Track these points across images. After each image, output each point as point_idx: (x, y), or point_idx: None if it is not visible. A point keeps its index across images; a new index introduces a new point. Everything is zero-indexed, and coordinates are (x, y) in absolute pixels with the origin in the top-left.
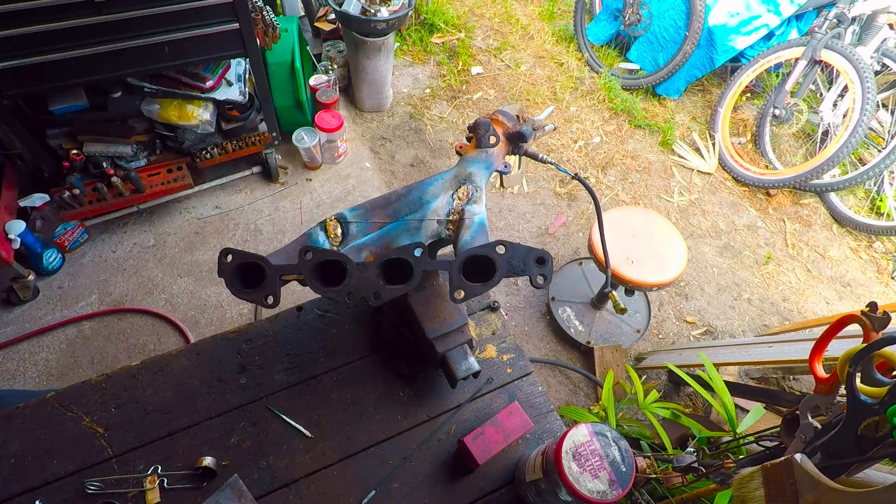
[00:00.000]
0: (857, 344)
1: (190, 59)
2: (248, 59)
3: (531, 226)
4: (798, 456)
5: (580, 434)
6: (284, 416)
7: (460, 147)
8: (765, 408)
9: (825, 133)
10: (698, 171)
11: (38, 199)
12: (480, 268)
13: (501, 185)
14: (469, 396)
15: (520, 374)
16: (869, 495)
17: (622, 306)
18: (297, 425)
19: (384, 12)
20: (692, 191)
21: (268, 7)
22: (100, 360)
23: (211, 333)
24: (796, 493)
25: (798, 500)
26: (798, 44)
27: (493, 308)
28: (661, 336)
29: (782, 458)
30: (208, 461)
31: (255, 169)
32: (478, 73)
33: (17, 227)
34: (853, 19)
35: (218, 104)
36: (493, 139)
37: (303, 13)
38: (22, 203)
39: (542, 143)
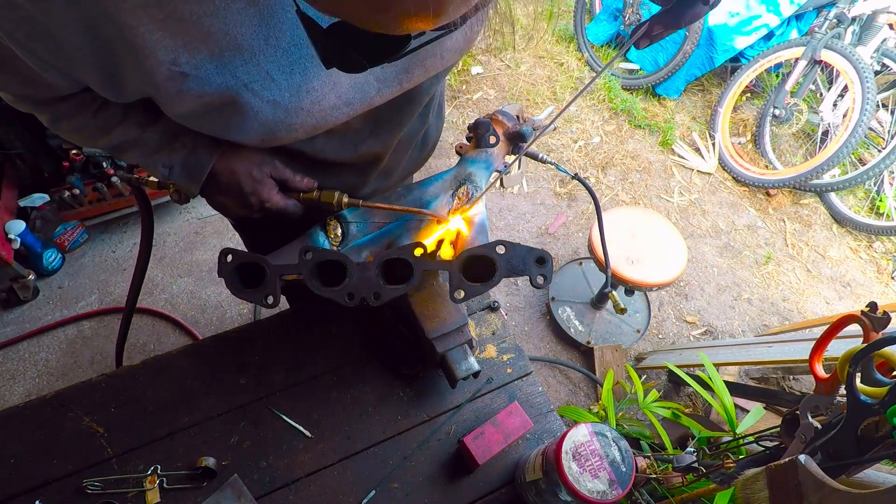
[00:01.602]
0: (858, 344)
1: None
2: None
3: (531, 226)
4: (802, 457)
5: (580, 434)
6: (284, 416)
7: (460, 147)
8: (765, 408)
9: (825, 133)
10: (698, 171)
11: (38, 199)
12: (480, 268)
13: (501, 184)
14: (469, 396)
15: (520, 374)
16: (872, 496)
17: (622, 306)
18: (297, 425)
19: None
20: (692, 191)
21: None
22: (100, 360)
23: (211, 333)
24: (801, 494)
25: (802, 501)
26: (798, 44)
27: (493, 308)
28: (661, 336)
29: (786, 460)
30: (208, 461)
31: None
32: (478, 73)
33: (17, 227)
34: (853, 19)
35: None
36: (493, 139)
37: None
38: (22, 203)
39: (542, 142)
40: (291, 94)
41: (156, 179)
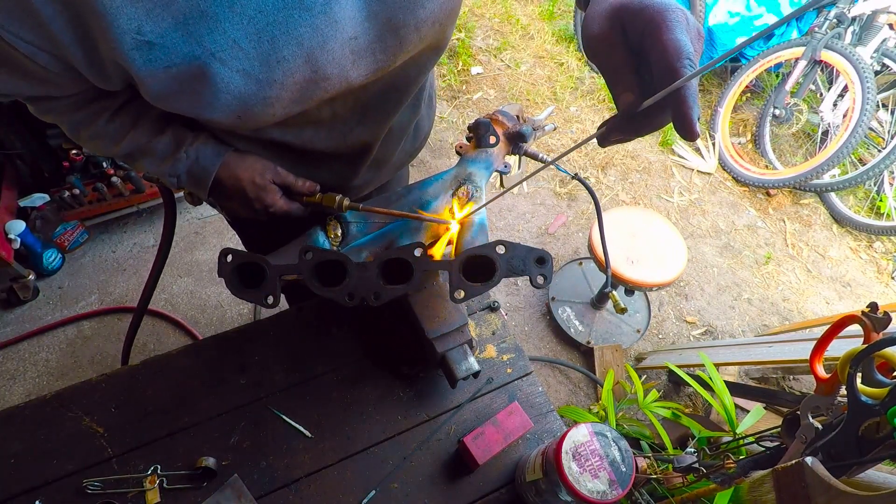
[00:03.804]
0: (858, 344)
1: None
2: None
3: (531, 226)
4: (809, 459)
5: (580, 434)
6: (284, 416)
7: (460, 147)
8: (765, 408)
9: (825, 133)
10: (698, 171)
11: (38, 199)
12: (480, 268)
13: (501, 185)
14: (469, 396)
15: (520, 374)
16: (880, 498)
17: (622, 306)
18: (297, 425)
19: None
20: (692, 191)
21: None
22: (100, 360)
23: (211, 333)
24: (808, 496)
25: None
26: (798, 44)
27: (493, 308)
28: (661, 336)
29: (793, 462)
30: (208, 461)
31: None
32: (478, 73)
33: (17, 227)
34: (853, 19)
35: None
36: (493, 139)
37: None
38: (22, 203)
39: (543, 142)
40: (261, 63)
41: None
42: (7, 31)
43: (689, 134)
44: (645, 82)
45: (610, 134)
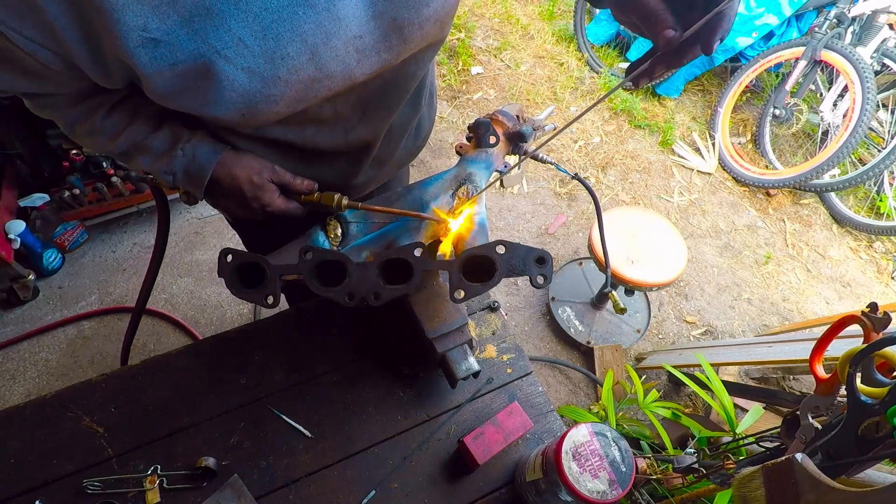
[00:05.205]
0: (858, 344)
1: None
2: None
3: (531, 226)
4: (799, 456)
5: (580, 434)
6: (284, 416)
7: (460, 147)
8: (765, 408)
9: (825, 133)
10: (698, 171)
11: (38, 199)
12: (480, 268)
13: (501, 184)
14: (469, 396)
15: (520, 374)
16: (870, 494)
17: (622, 306)
18: (297, 425)
19: None
20: (692, 191)
21: None
22: (100, 360)
23: (211, 333)
24: (797, 492)
25: (799, 500)
26: (798, 44)
27: (493, 308)
28: (661, 336)
29: (783, 458)
30: (208, 461)
31: None
32: (478, 73)
33: (17, 227)
34: (853, 19)
35: None
36: (493, 139)
37: None
38: (22, 203)
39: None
40: (266, 61)
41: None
42: (9, 28)
43: (708, 48)
44: (682, 18)
45: (654, 69)
